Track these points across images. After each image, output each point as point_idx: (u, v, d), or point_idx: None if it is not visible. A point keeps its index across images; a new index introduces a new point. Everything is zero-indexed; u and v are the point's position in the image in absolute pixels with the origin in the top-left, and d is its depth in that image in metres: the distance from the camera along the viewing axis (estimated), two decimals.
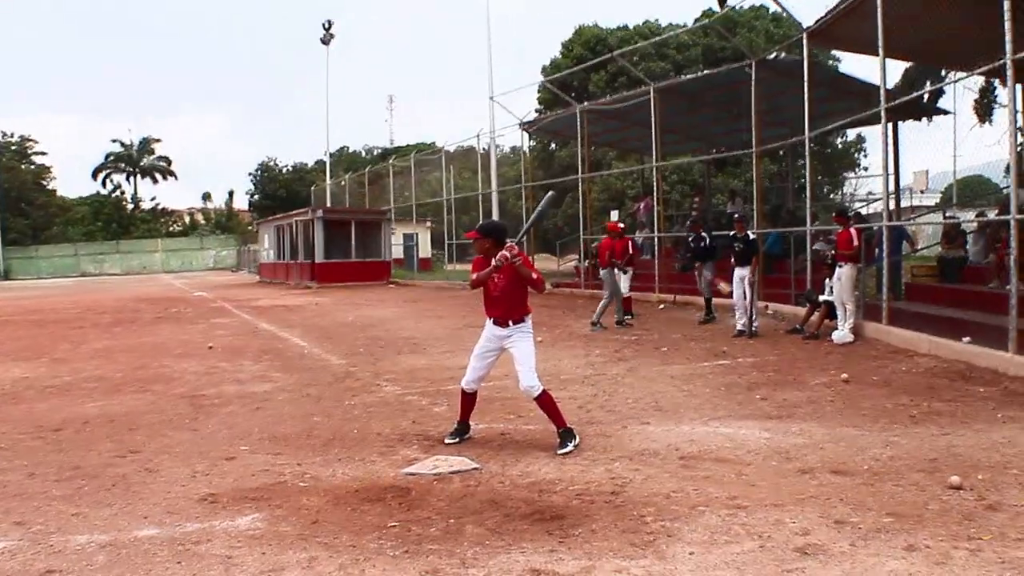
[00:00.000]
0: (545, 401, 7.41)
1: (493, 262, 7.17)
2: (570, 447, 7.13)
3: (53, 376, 12.52)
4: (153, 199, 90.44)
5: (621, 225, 19.25)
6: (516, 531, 5.23)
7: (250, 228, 74.89)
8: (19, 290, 47.01)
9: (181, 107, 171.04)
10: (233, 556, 4.91)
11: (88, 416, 9.35)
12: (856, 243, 13.90)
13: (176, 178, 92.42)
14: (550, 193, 8.98)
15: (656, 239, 24.33)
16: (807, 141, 17.95)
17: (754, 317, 15.21)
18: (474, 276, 7.50)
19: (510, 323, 7.49)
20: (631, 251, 19.40)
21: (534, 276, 7.39)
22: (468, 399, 7.79)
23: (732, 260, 15.81)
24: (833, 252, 14.51)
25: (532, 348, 7.54)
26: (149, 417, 9.23)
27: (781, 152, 27.97)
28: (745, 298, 15.10)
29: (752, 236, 15.74)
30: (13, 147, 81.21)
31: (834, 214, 15.63)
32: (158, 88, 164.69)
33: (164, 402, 10.16)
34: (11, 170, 75.84)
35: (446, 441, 7.61)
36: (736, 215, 16.43)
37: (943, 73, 21.43)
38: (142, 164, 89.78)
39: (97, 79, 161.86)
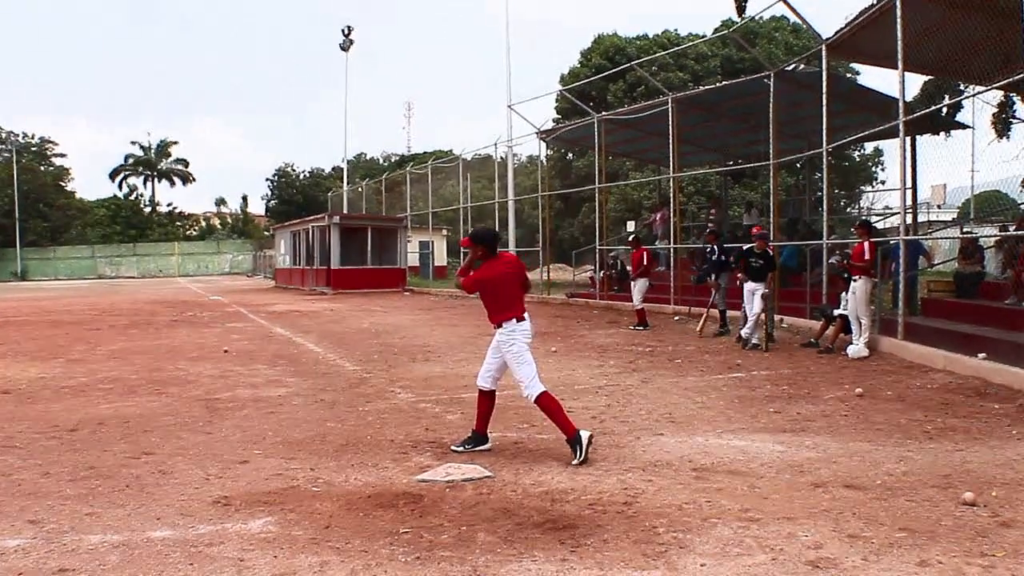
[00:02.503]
0: (544, 406, 7.38)
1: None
2: (582, 456, 7.07)
3: (69, 377, 12.60)
4: (169, 204, 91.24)
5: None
6: (528, 540, 5.23)
7: (266, 233, 75.19)
8: (36, 291, 47.38)
9: (199, 112, 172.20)
10: (245, 559, 4.93)
11: (103, 417, 9.41)
12: (868, 256, 13.83)
13: (194, 180, 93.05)
14: None
15: (672, 250, 24.27)
16: (825, 154, 17.92)
17: (771, 329, 15.26)
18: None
19: (494, 325, 7.54)
20: (646, 261, 19.43)
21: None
22: (482, 400, 7.72)
23: (742, 273, 15.74)
24: (847, 264, 14.46)
25: (510, 354, 7.45)
26: (164, 419, 9.27)
27: (798, 164, 27.90)
28: (756, 311, 15.07)
29: (771, 254, 15.69)
30: (33, 148, 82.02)
31: (856, 224, 15.56)
32: (176, 92, 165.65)
33: (179, 404, 10.20)
34: (30, 171, 76.44)
35: (452, 448, 7.62)
36: (760, 233, 16.36)
37: (961, 87, 21.36)
38: (160, 167, 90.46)
39: (116, 83, 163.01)
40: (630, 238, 23.17)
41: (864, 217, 23.54)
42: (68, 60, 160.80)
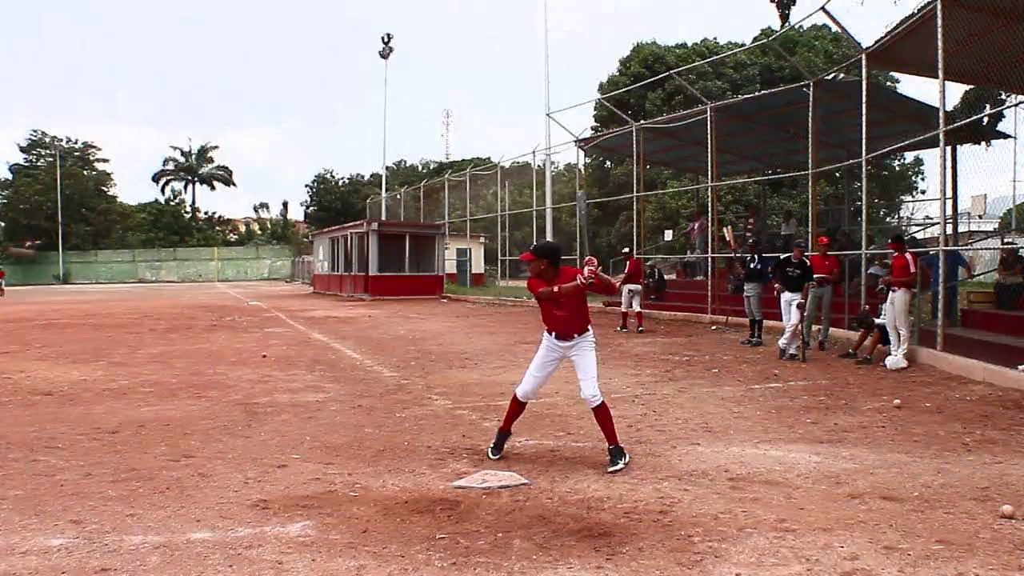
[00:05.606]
0: (603, 414, 7.41)
1: (580, 280, 7.10)
2: (620, 465, 7.13)
3: (110, 379, 12.77)
4: (207, 212, 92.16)
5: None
6: (563, 547, 5.25)
7: (305, 239, 75.69)
8: (78, 294, 47.95)
9: (241, 118, 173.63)
10: (284, 562, 4.99)
11: (144, 420, 9.53)
12: (913, 269, 13.73)
13: (235, 185, 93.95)
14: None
15: (709, 259, 24.18)
16: (864, 163, 17.79)
17: (807, 339, 15.26)
18: (556, 289, 7.31)
19: (575, 335, 7.52)
20: (629, 268, 19.91)
21: (613, 281, 7.53)
22: (517, 407, 7.78)
23: (779, 284, 15.63)
24: (888, 278, 14.34)
25: (595, 358, 7.56)
26: (203, 423, 9.38)
27: (838, 174, 27.74)
28: (793, 321, 14.98)
29: (808, 263, 15.59)
30: (76, 153, 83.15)
31: (889, 240, 15.44)
32: (219, 98, 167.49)
33: (218, 408, 10.31)
34: (74, 176, 77.56)
35: (490, 456, 7.64)
36: (797, 241, 16.26)
37: (1003, 96, 21.13)
38: (201, 172, 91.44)
39: (160, 89, 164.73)
40: (624, 250, 23.59)
41: (899, 231, 23.37)
42: (112, 64, 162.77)
